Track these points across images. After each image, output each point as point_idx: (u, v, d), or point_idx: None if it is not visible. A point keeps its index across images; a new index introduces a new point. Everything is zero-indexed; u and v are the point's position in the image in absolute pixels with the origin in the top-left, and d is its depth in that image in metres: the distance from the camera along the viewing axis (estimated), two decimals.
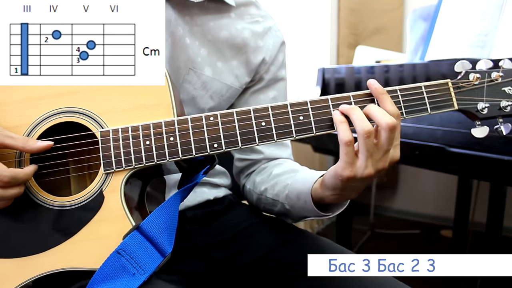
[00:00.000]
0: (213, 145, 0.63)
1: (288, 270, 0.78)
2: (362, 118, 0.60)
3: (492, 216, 1.66)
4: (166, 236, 0.62)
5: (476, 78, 0.65)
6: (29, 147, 0.61)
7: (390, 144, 0.61)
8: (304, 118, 0.63)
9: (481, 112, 0.65)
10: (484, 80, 0.65)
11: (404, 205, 3.01)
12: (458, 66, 0.66)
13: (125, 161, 0.62)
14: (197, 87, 0.81)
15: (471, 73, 0.65)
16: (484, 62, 0.66)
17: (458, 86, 0.65)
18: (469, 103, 0.65)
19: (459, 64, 0.66)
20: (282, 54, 0.92)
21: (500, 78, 0.65)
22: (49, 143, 0.62)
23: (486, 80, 0.65)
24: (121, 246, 0.59)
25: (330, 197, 0.68)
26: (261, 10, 0.90)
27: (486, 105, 0.65)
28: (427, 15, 1.56)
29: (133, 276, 0.58)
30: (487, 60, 0.66)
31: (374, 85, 0.63)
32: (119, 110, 0.64)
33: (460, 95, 0.65)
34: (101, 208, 0.62)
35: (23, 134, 0.64)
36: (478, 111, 0.65)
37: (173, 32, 0.78)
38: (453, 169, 1.33)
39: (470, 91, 0.65)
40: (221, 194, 0.92)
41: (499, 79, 0.65)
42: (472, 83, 0.65)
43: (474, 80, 0.65)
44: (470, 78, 0.65)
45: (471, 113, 0.66)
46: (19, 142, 0.61)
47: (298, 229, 0.88)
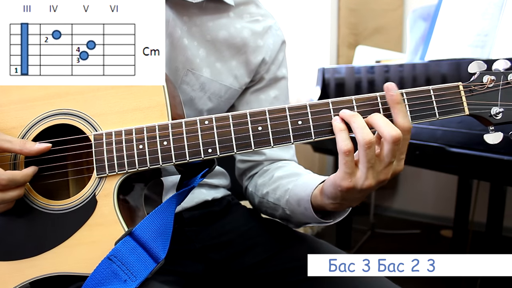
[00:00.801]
0: (207, 150, 0.61)
1: (288, 275, 0.78)
2: (363, 127, 0.56)
3: (492, 216, 1.66)
4: (160, 242, 0.61)
5: (491, 80, 0.60)
6: (26, 150, 0.61)
7: (394, 157, 0.57)
8: (303, 122, 0.60)
9: (495, 117, 0.60)
10: (499, 82, 0.60)
11: (404, 205, 3.01)
12: (472, 67, 0.61)
13: (118, 165, 0.61)
14: (195, 88, 0.81)
15: (486, 75, 0.60)
16: (503, 62, 0.60)
17: (470, 90, 0.60)
18: (482, 108, 0.60)
19: (474, 64, 0.61)
20: (283, 53, 0.91)
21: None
22: (47, 145, 0.62)
23: (501, 82, 0.60)
24: (113, 252, 0.58)
25: (330, 206, 0.65)
26: (261, 8, 0.89)
27: (501, 110, 0.60)
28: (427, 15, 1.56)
29: (125, 283, 0.58)
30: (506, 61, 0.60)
31: (390, 91, 0.58)
32: (113, 112, 0.63)
33: (472, 99, 0.60)
34: (94, 212, 0.62)
35: (18, 136, 0.64)
36: (491, 116, 0.60)
37: (171, 33, 0.77)
38: (453, 169, 1.33)
39: (483, 95, 0.60)
40: (219, 195, 0.91)
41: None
42: (486, 86, 0.60)
43: (488, 82, 0.60)
44: (484, 80, 0.60)
45: (483, 118, 0.61)
46: (16, 145, 0.60)
47: (298, 233, 0.87)
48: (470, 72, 0.61)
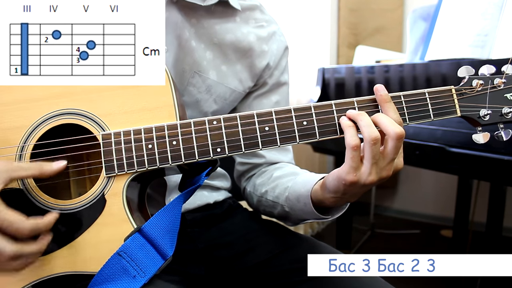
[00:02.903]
0: (216, 150, 0.62)
1: (289, 276, 0.78)
2: (370, 125, 0.60)
3: (492, 216, 1.67)
4: (168, 239, 0.62)
5: (480, 84, 0.64)
6: (47, 172, 0.60)
7: (396, 153, 0.60)
8: (308, 123, 0.63)
9: (483, 119, 0.65)
10: (487, 86, 0.65)
11: (404, 205, 3.01)
12: (461, 71, 0.66)
13: (127, 165, 0.62)
14: (201, 90, 0.81)
15: (474, 79, 0.65)
16: (487, 68, 0.65)
17: (461, 93, 0.65)
18: (472, 110, 0.65)
19: (463, 69, 0.66)
20: (285, 58, 0.92)
21: (503, 85, 0.64)
22: (64, 163, 0.61)
23: (489, 86, 0.65)
24: (122, 248, 0.59)
25: (330, 200, 0.67)
26: (266, 14, 0.90)
27: (488, 112, 0.64)
28: (427, 15, 1.56)
29: (134, 279, 0.58)
30: (489, 66, 0.65)
31: (380, 92, 0.62)
32: (121, 112, 0.64)
33: (463, 101, 0.65)
34: (103, 212, 0.62)
35: (23, 136, 0.63)
36: (480, 117, 0.65)
37: (180, 34, 0.77)
38: (453, 169, 1.33)
39: (473, 98, 0.65)
40: (221, 197, 0.92)
41: (501, 85, 0.64)
42: (475, 89, 0.65)
43: (477, 86, 0.65)
44: (474, 84, 0.65)
45: (473, 120, 0.66)
46: (35, 171, 0.59)
47: (298, 234, 0.87)
48: (460, 76, 0.66)
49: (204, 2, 0.78)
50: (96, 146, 0.63)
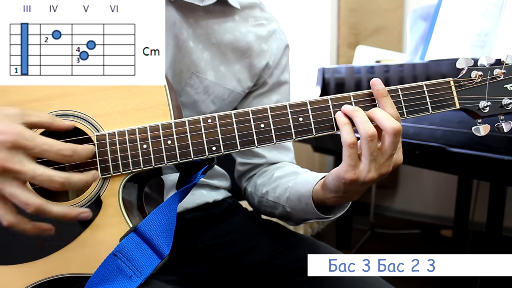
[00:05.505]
0: (212, 148, 0.62)
1: (289, 276, 0.78)
2: (366, 121, 0.58)
3: (492, 216, 1.67)
4: (164, 238, 0.61)
5: (478, 76, 0.63)
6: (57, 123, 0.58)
7: (395, 149, 0.59)
8: (304, 119, 0.62)
9: (483, 111, 0.64)
10: (486, 77, 0.63)
11: (404, 205, 3.01)
12: (460, 63, 0.64)
13: (123, 166, 0.62)
14: (199, 91, 0.81)
15: (473, 71, 0.64)
16: (486, 58, 0.63)
17: (460, 85, 0.64)
18: (471, 102, 0.64)
19: (462, 60, 0.64)
20: (286, 57, 0.91)
21: (503, 75, 0.63)
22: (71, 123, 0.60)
23: (488, 77, 0.63)
24: (118, 248, 0.59)
25: (332, 199, 0.67)
26: (266, 12, 0.89)
27: (488, 103, 0.63)
28: (427, 15, 1.56)
29: (130, 279, 0.58)
30: (488, 56, 0.64)
31: (376, 86, 0.61)
32: (115, 112, 0.63)
33: (462, 93, 0.64)
34: (100, 213, 0.61)
35: None
36: (479, 109, 0.64)
37: (177, 34, 0.77)
38: (453, 169, 1.33)
39: (472, 89, 0.64)
40: (220, 196, 0.91)
41: (501, 76, 0.63)
42: (475, 81, 0.63)
43: (476, 77, 0.63)
44: (472, 75, 0.63)
45: (472, 112, 0.64)
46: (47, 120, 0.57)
47: (298, 234, 0.87)
48: (458, 67, 0.65)
49: (203, 3, 0.78)
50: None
